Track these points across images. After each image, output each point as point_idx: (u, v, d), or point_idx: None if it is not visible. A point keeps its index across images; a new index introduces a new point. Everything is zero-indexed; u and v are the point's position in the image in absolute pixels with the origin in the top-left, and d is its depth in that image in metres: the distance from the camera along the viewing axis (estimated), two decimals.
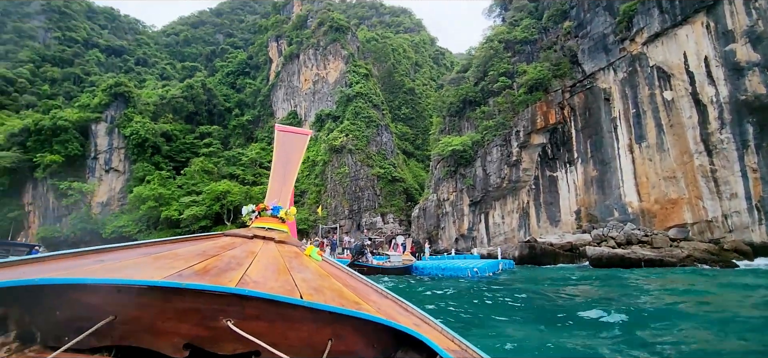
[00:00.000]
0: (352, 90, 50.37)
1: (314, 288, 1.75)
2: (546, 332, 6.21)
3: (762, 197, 23.45)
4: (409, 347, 1.69)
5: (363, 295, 1.93)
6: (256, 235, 2.49)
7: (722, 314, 7.68)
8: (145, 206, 45.64)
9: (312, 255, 2.44)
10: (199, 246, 2.07)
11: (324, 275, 2.09)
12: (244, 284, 1.52)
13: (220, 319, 1.45)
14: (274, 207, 2.81)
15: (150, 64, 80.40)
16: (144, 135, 50.50)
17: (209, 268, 1.66)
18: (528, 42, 36.46)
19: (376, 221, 43.41)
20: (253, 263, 1.87)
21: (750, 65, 23.99)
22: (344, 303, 1.67)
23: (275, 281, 1.69)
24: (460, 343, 1.60)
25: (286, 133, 3.51)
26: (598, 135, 30.53)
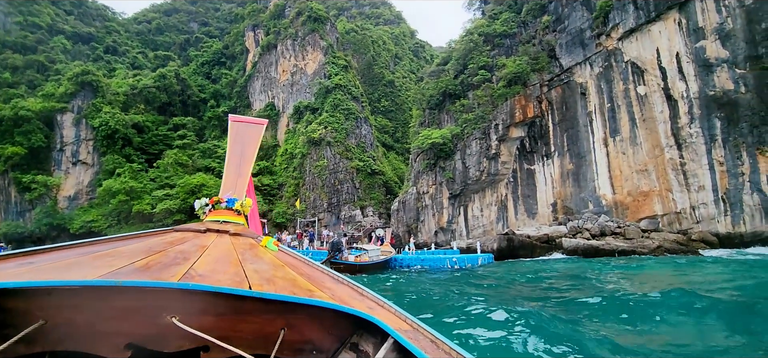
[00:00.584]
0: (331, 82, 49.67)
1: (266, 278, 1.72)
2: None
3: (728, 190, 24.34)
4: (365, 331, 1.72)
5: (317, 282, 1.93)
6: (209, 229, 2.45)
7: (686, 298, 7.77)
8: (116, 199, 43.92)
9: (268, 246, 2.42)
10: (144, 243, 2.03)
11: (278, 264, 2.08)
12: (188, 278, 1.46)
13: (163, 316, 1.41)
14: (228, 199, 2.77)
15: (120, 53, 77.09)
16: (114, 126, 48.46)
17: (152, 264, 1.61)
18: (507, 35, 36.68)
19: (355, 214, 43.13)
20: (201, 257, 1.83)
21: (719, 62, 24.76)
22: (296, 292, 1.65)
23: (224, 273, 1.65)
24: (412, 323, 1.61)
25: (240, 124, 3.45)
26: (575, 129, 31.05)
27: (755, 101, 23.55)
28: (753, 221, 23.62)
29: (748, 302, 7.76)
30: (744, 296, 8.73)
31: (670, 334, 5.71)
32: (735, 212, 24.13)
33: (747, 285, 10.34)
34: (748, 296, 8.75)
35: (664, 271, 14.50)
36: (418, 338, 1.47)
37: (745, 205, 23.84)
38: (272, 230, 45.74)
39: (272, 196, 49.47)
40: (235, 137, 3.27)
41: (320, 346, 1.79)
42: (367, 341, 1.71)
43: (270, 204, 47.80)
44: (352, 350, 1.76)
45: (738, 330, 5.64)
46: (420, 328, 1.57)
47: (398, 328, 1.51)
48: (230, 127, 3.32)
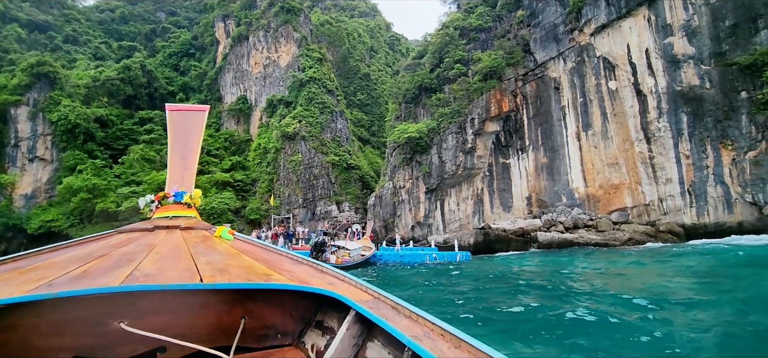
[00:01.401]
0: (305, 75, 48.58)
1: (219, 269, 1.67)
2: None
3: (693, 182, 25.17)
4: (328, 307, 1.73)
5: (275, 266, 1.89)
6: (157, 226, 2.37)
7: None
8: (77, 198, 41.65)
9: (223, 236, 2.35)
10: (83, 249, 1.93)
11: (233, 253, 2.03)
12: (133, 279, 1.39)
13: (110, 322, 1.37)
14: (176, 193, 2.66)
15: (81, 43, 73.02)
16: (74, 120, 45.80)
17: (91, 270, 1.53)
18: (483, 29, 36.71)
19: (331, 209, 42.52)
20: (148, 256, 1.76)
21: (685, 58, 25.46)
22: (252, 278, 1.61)
23: (173, 269, 1.60)
24: (373, 292, 1.61)
25: (179, 113, 3.29)
26: (549, 123, 31.43)
27: (719, 96, 24.36)
28: (716, 213, 24.53)
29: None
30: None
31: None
32: (700, 203, 24.99)
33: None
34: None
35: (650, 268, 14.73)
36: (379, 306, 1.46)
37: (709, 196, 24.72)
38: (246, 227, 44.61)
39: (245, 192, 48.15)
40: (176, 128, 3.11)
41: (284, 329, 1.77)
42: (331, 317, 1.70)
43: (243, 200, 46.52)
44: (317, 328, 1.75)
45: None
46: (381, 296, 1.56)
47: (359, 299, 1.51)
48: (169, 117, 3.14)
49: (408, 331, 1.25)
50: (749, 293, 8.33)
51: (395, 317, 1.37)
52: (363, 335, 1.48)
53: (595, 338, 5.35)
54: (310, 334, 1.76)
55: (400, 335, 1.23)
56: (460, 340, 1.15)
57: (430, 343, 1.16)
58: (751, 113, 23.25)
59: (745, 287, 8.85)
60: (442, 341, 1.18)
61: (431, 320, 1.30)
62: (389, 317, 1.36)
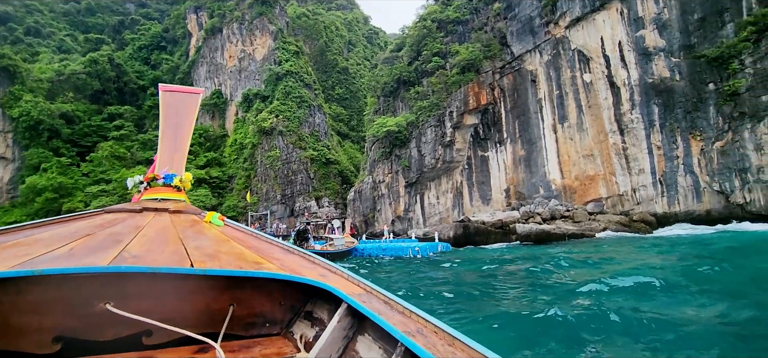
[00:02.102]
0: (281, 68, 47.65)
1: (209, 255, 1.65)
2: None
3: (665, 172, 25.85)
4: (318, 299, 1.73)
5: (266, 254, 1.87)
6: (145, 208, 2.31)
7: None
8: (42, 198, 39.82)
9: (213, 221, 2.31)
10: (69, 227, 1.86)
11: (223, 239, 2.01)
12: (121, 261, 1.36)
13: (95, 303, 1.35)
14: (166, 175, 2.60)
15: (44, 35, 69.54)
16: (37, 117, 43.69)
17: (77, 249, 1.49)
18: (460, 22, 36.68)
19: (310, 205, 41.98)
20: (136, 237, 1.73)
21: (656, 50, 26.03)
22: (243, 265, 1.60)
23: (162, 253, 1.57)
24: (365, 286, 1.60)
25: (173, 94, 3.21)
26: (526, 116, 31.71)
27: (688, 88, 25.02)
28: (686, 201, 25.28)
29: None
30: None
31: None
32: (671, 192, 25.70)
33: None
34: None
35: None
36: (371, 300, 1.45)
37: (679, 186, 25.44)
38: None
39: (222, 189, 47.07)
40: (168, 109, 3.02)
41: (273, 318, 1.74)
42: (321, 309, 1.69)
43: (220, 197, 45.46)
44: (306, 319, 1.74)
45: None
46: (373, 291, 1.55)
47: (351, 292, 1.49)
48: (162, 98, 3.05)
49: (401, 326, 1.22)
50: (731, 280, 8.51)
51: (388, 312, 1.35)
52: (353, 328, 1.46)
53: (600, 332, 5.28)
54: (298, 324, 1.75)
55: (393, 330, 1.20)
56: (453, 338, 1.14)
57: (424, 339, 1.14)
58: (718, 104, 23.97)
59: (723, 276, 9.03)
60: (436, 338, 1.16)
61: (424, 316, 1.28)
62: (382, 312, 1.34)
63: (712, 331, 5.28)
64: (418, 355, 1.08)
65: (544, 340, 5.13)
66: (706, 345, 4.74)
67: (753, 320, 5.56)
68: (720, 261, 10.09)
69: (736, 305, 6.30)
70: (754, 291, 7.41)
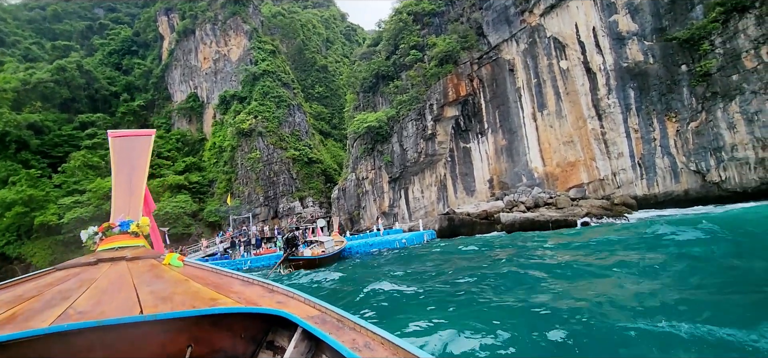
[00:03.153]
0: (257, 68, 46.69)
1: (162, 298, 1.67)
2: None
3: (643, 155, 26.23)
4: (278, 327, 1.72)
5: (224, 289, 1.88)
6: (100, 259, 2.29)
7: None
8: (12, 212, 38.15)
9: (172, 263, 2.30)
10: (13, 292, 1.82)
11: (180, 280, 2.00)
12: (65, 319, 1.37)
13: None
14: (122, 223, 2.59)
15: (8, 44, 66.60)
16: (3, 128, 41.87)
17: (18, 314, 1.47)
18: (436, 14, 36.48)
19: (294, 205, 41.42)
20: (86, 292, 1.71)
21: (630, 35, 26.32)
22: (197, 304, 1.60)
23: (110, 303, 1.57)
24: (321, 307, 1.64)
25: (123, 139, 3.18)
26: (505, 105, 31.79)
27: (662, 71, 25.40)
28: (665, 182, 25.73)
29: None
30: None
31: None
32: (650, 175, 26.13)
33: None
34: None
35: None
36: (325, 320, 1.49)
37: (657, 168, 25.87)
38: (205, 230, 42.64)
39: (202, 194, 46.01)
40: (120, 155, 3.00)
41: (234, 352, 1.73)
42: (282, 336, 1.70)
43: (200, 203, 44.43)
44: (268, 349, 1.73)
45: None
46: (327, 311, 1.58)
47: (306, 316, 1.52)
48: (112, 144, 3.03)
49: (350, 343, 1.28)
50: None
51: (339, 331, 1.40)
52: (311, 351, 1.48)
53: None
54: (261, 355, 1.74)
55: (341, 348, 1.26)
56: (397, 347, 1.22)
57: (370, 352, 1.22)
58: (691, 85, 24.40)
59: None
60: (381, 349, 1.24)
61: (373, 330, 1.35)
62: (334, 332, 1.38)
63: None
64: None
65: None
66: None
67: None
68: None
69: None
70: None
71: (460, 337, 4.92)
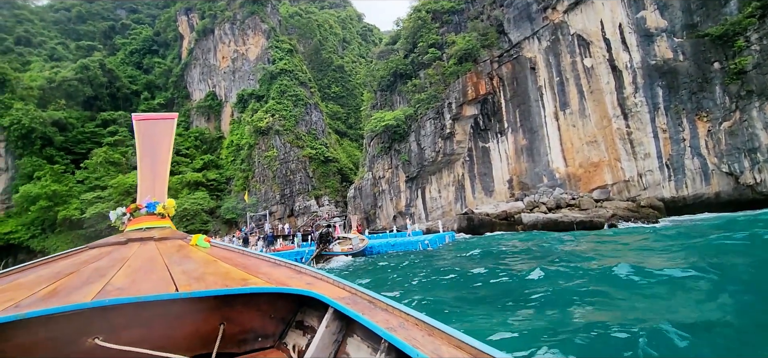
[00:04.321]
0: (275, 67, 46.90)
1: (195, 278, 1.68)
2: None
3: (671, 156, 25.26)
4: (307, 307, 1.73)
5: (253, 270, 1.89)
6: (130, 239, 2.35)
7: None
8: (36, 206, 39.08)
9: (199, 244, 2.35)
10: (52, 268, 1.89)
11: (210, 261, 2.03)
12: (105, 294, 1.40)
13: (83, 340, 1.35)
14: (148, 204, 2.63)
15: (35, 44, 68.54)
16: (29, 125, 42.86)
17: (60, 288, 1.52)
18: (455, 12, 35.98)
19: (310, 204, 41.34)
20: (121, 270, 1.75)
21: (658, 31, 25.40)
22: (229, 284, 1.62)
23: (147, 281, 1.61)
24: (350, 289, 1.63)
25: (147, 123, 3.26)
26: (526, 104, 31.08)
27: (693, 68, 24.41)
28: (694, 185, 24.70)
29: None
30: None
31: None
32: (678, 176, 25.12)
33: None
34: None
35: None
36: (356, 301, 1.48)
37: (686, 169, 24.86)
38: (222, 227, 42.92)
39: (220, 191, 46.39)
40: (144, 138, 3.06)
41: (264, 332, 1.74)
42: (311, 316, 1.70)
43: (218, 200, 44.78)
44: (298, 329, 1.74)
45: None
46: (357, 292, 1.57)
47: (336, 296, 1.52)
48: (136, 128, 3.07)
49: (384, 323, 1.25)
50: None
51: (372, 311, 1.38)
52: (342, 331, 1.47)
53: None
54: (291, 334, 1.76)
55: (376, 327, 1.23)
56: (433, 328, 1.18)
57: (405, 333, 1.18)
58: (725, 84, 23.38)
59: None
60: (417, 330, 1.20)
61: (406, 311, 1.32)
62: (366, 312, 1.36)
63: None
64: (399, 348, 1.11)
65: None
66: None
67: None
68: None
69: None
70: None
71: None
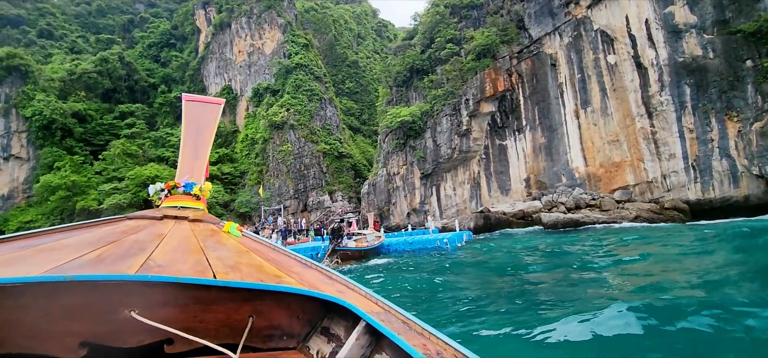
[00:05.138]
0: (291, 61, 46.87)
1: (230, 266, 1.68)
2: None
3: (697, 157, 24.34)
4: (335, 315, 1.71)
5: (285, 267, 1.88)
6: (166, 215, 2.35)
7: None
8: (56, 196, 39.78)
9: (231, 231, 2.34)
10: (94, 233, 1.89)
11: (243, 251, 2.02)
12: (147, 269, 1.41)
13: (121, 310, 1.35)
14: (186, 184, 2.65)
15: (57, 37, 70.04)
16: (50, 116, 43.68)
17: (104, 256, 1.52)
18: (474, 6, 35.35)
19: (323, 199, 41.25)
20: (159, 246, 1.75)
21: (687, 27, 24.46)
22: (263, 278, 1.61)
23: (185, 262, 1.60)
24: (383, 305, 1.59)
25: (195, 103, 3.27)
26: (546, 102, 30.37)
27: (723, 66, 23.45)
28: (722, 187, 23.76)
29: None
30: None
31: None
32: (705, 178, 24.19)
33: None
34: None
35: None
36: (390, 319, 1.44)
37: (714, 171, 23.91)
38: (236, 220, 43.10)
39: (234, 185, 46.64)
40: (190, 118, 3.07)
41: (290, 331, 1.73)
42: (338, 325, 1.68)
43: (232, 193, 45.04)
44: (323, 335, 1.72)
45: None
46: (391, 309, 1.54)
47: (369, 310, 1.49)
48: (184, 107, 3.08)
49: (421, 348, 1.19)
50: None
51: (407, 332, 1.33)
52: (371, 347, 1.42)
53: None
54: (315, 339, 1.72)
55: (413, 351, 1.18)
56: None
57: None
58: (757, 82, 22.38)
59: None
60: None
61: (444, 339, 1.26)
62: (401, 332, 1.31)
63: None
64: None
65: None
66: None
67: None
68: None
69: None
70: None
71: None
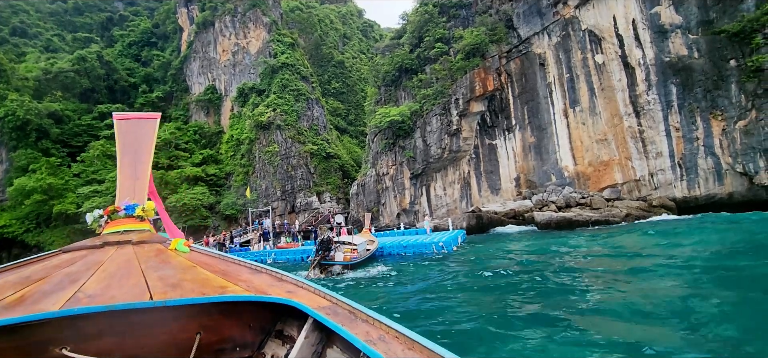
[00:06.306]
0: (276, 61, 46.07)
1: (171, 284, 1.61)
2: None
3: (684, 155, 24.78)
4: (288, 316, 1.69)
5: (233, 276, 1.85)
6: (106, 242, 2.23)
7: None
8: (31, 200, 38.17)
9: (178, 248, 2.27)
10: (21, 273, 1.78)
11: (188, 266, 1.97)
12: (75, 302, 1.32)
13: (50, 350, 1.30)
14: (127, 206, 2.56)
15: (31, 36, 67.55)
16: (24, 117, 41.87)
17: (27, 296, 1.42)
18: (463, 6, 35.32)
19: (311, 200, 40.63)
20: (94, 275, 1.66)
21: (673, 27, 24.89)
22: (207, 291, 1.55)
23: (121, 288, 1.52)
24: (331, 298, 1.59)
25: (128, 122, 3.15)
26: (535, 101, 30.52)
27: (708, 66, 23.92)
28: (707, 185, 24.25)
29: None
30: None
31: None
32: (690, 176, 24.65)
33: None
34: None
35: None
36: (337, 311, 1.45)
37: (699, 169, 24.39)
38: (222, 223, 42.17)
39: (219, 186, 45.58)
40: (125, 138, 2.95)
41: (243, 341, 1.69)
42: (291, 326, 1.66)
43: (217, 195, 43.99)
44: (277, 338, 1.70)
45: None
46: (338, 302, 1.54)
47: (317, 306, 1.49)
48: (117, 127, 2.99)
49: (364, 336, 1.24)
50: None
51: (352, 323, 1.36)
52: (322, 343, 1.44)
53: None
54: (270, 344, 1.70)
55: (355, 340, 1.22)
56: (413, 341, 1.17)
57: (385, 346, 1.18)
58: (741, 82, 22.90)
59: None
60: (396, 344, 1.19)
61: (387, 323, 1.30)
62: (346, 323, 1.35)
63: None
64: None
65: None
66: None
67: None
68: None
69: None
70: None
71: None
